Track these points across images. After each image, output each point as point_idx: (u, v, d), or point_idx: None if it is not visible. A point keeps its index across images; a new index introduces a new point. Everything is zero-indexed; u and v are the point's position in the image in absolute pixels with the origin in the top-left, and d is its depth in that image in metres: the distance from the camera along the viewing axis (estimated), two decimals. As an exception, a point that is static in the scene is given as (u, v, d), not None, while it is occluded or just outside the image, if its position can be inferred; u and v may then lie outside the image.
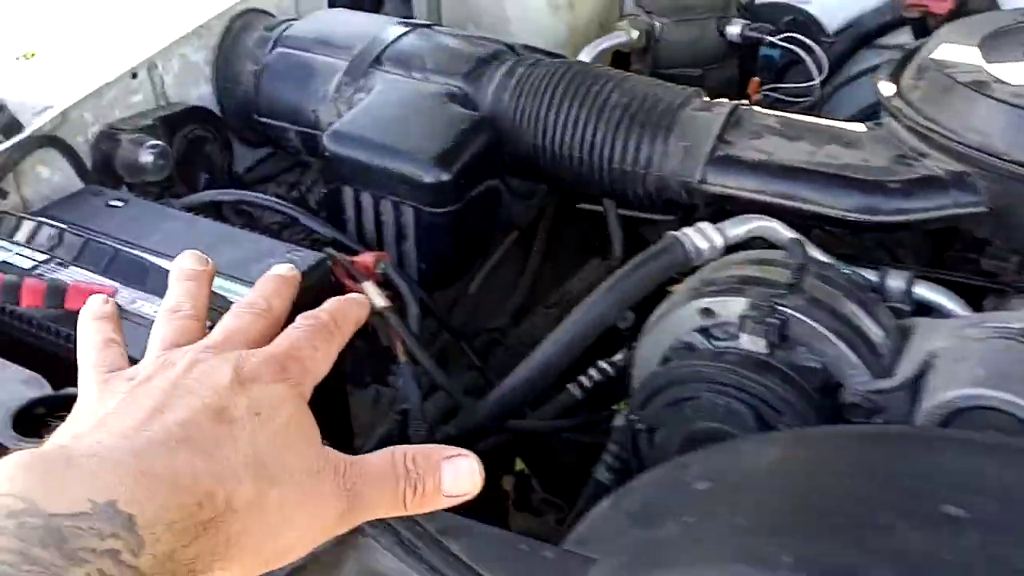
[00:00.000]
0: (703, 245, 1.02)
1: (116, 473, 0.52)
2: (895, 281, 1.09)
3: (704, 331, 1.03)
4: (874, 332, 1.00)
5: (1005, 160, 1.09)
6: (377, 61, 1.31)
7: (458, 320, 1.44)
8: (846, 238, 1.24)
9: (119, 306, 0.69)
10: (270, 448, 0.57)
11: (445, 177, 1.16)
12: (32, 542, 0.47)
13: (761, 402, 0.93)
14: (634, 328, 1.08)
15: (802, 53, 1.52)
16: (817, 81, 1.51)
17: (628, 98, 1.21)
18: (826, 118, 1.31)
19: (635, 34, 1.52)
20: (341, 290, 1.14)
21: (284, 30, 1.40)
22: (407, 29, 1.35)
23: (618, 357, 1.12)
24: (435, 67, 1.29)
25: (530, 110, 1.24)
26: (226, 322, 0.66)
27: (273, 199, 1.24)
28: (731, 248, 1.09)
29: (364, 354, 1.35)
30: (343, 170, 1.22)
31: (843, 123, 1.24)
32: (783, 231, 1.08)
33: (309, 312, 0.67)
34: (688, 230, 1.03)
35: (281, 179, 1.51)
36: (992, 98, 1.12)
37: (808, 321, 0.97)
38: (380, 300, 1.10)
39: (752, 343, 0.98)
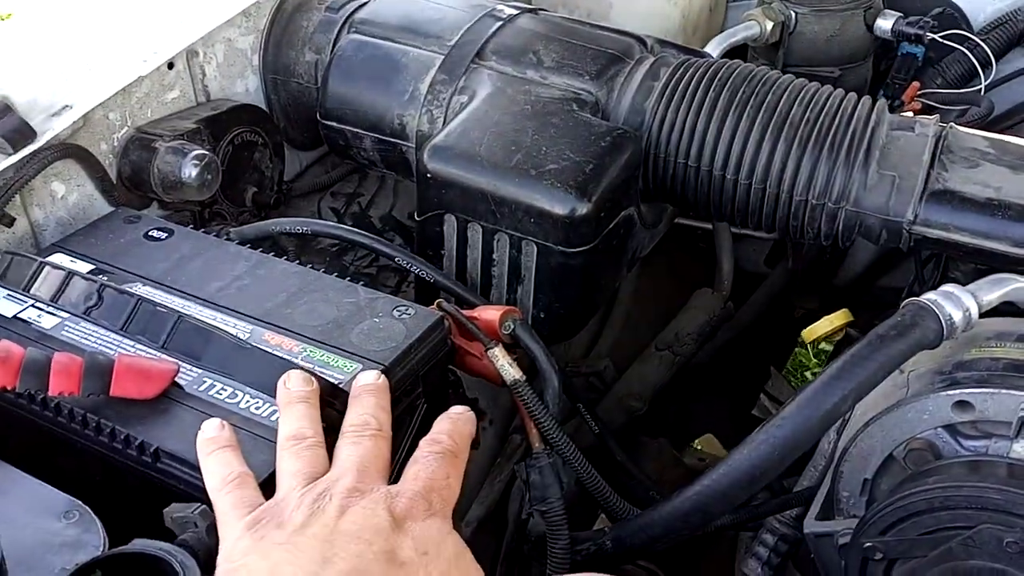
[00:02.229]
0: (957, 317, 0.79)
1: None
2: None
3: (951, 428, 0.80)
4: None
5: None
6: (480, 55, 1.06)
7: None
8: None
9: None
10: None
11: (584, 210, 0.92)
12: None
13: (1062, 539, 0.71)
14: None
15: (965, 51, 1.29)
16: (983, 84, 1.28)
17: (814, 112, 0.96)
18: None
19: (768, 25, 1.28)
20: (454, 356, 0.89)
21: (355, 11, 1.14)
22: (514, 13, 1.10)
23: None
24: (555, 64, 1.04)
25: (681, 123, 0.99)
26: (350, 453, 0.67)
27: (364, 234, 0.98)
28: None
29: (452, 399, 1.11)
30: (448, 195, 0.96)
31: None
32: (1040, 294, 0.85)
33: (430, 438, 0.69)
34: (937, 296, 0.79)
35: (337, 190, 1.25)
36: None
37: (1106, 423, 0.74)
38: (513, 372, 0.86)
39: (1028, 451, 0.76)
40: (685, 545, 1.10)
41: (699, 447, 1.40)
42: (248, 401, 0.75)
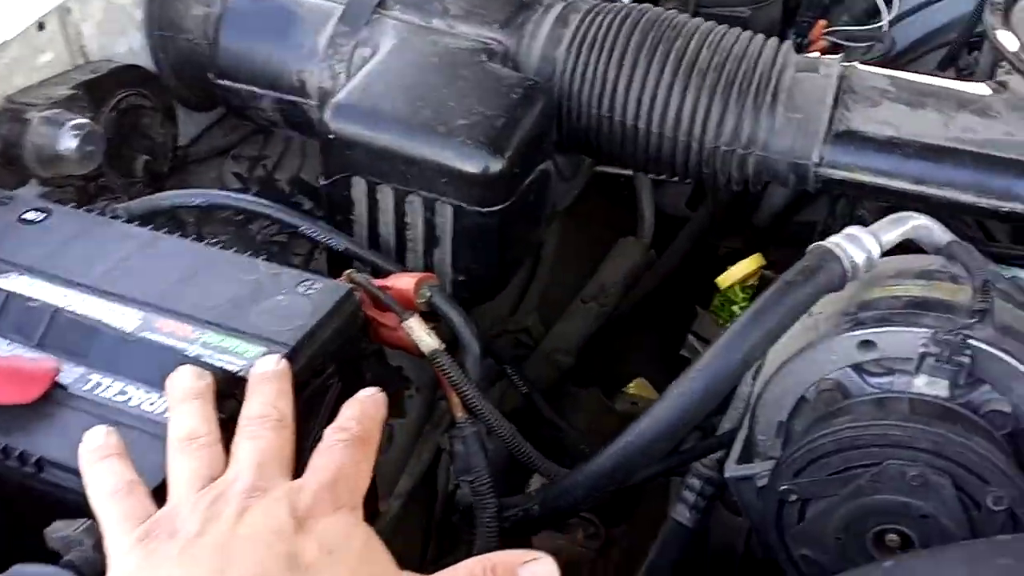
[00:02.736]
0: (860, 258, 0.84)
1: None
2: (1057, 282, 0.94)
3: (857, 367, 0.85)
4: (1065, 359, 0.85)
5: None
6: (382, 3, 1.06)
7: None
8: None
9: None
10: None
11: (498, 167, 0.94)
12: None
13: (963, 469, 0.77)
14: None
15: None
16: (886, 20, 1.33)
17: (722, 57, 1.00)
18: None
19: (677, -32, 1.31)
20: (367, 330, 0.91)
21: (247, -39, 1.13)
22: (418, -38, 1.10)
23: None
24: (462, 12, 1.05)
25: (593, 71, 1.02)
26: (248, 449, 0.64)
27: (264, 203, 0.98)
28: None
29: (370, 382, 1.13)
30: (354, 156, 0.97)
31: (962, 84, 1.06)
32: (940, 232, 0.90)
33: (336, 425, 0.68)
34: (841, 240, 0.84)
35: (239, 153, 1.25)
36: None
37: (1003, 357, 0.80)
38: (431, 341, 0.88)
39: (931, 385, 0.82)
40: (621, 493, 1.16)
41: (631, 391, 1.45)
42: (140, 398, 0.72)
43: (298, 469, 0.65)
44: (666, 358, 1.53)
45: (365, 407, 0.69)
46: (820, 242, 0.85)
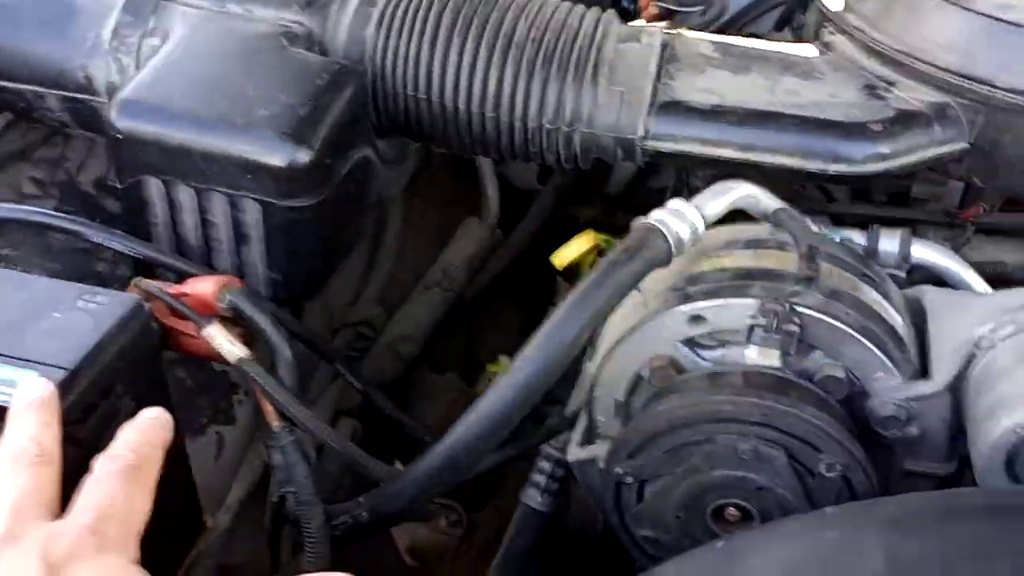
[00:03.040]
0: (684, 232, 0.83)
1: None
2: (889, 243, 0.95)
3: (690, 342, 0.84)
4: (894, 319, 0.86)
5: (995, 87, 0.96)
6: (169, -12, 1.01)
7: (312, 322, 1.19)
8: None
9: None
10: None
11: (305, 158, 0.89)
12: None
13: (796, 440, 0.77)
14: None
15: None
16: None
17: (539, 31, 0.97)
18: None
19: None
20: (167, 340, 0.87)
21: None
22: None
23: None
24: (258, -7, 1.00)
25: (404, 52, 0.98)
26: (2, 491, 0.60)
27: (45, 213, 0.92)
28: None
29: (193, 389, 1.08)
30: (146, 156, 0.91)
31: (787, 46, 1.07)
32: (766, 199, 0.90)
33: (107, 454, 0.63)
34: (663, 215, 0.83)
35: (39, 157, 1.17)
36: (971, 10, 0.99)
37: (831, 322, 0.81)
38: (236, 349, 0.84)
39: (762, 355, 0.81)
40: (484, 476, 1.13)
41: (495, 371, 1.42)
42: None
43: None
44: (529, 334, 1.51)
45: (143, 432, 0.66)
46: (643, 218, 0.84)
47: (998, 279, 1.04)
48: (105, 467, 0.63)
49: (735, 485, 0.78)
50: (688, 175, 1.12)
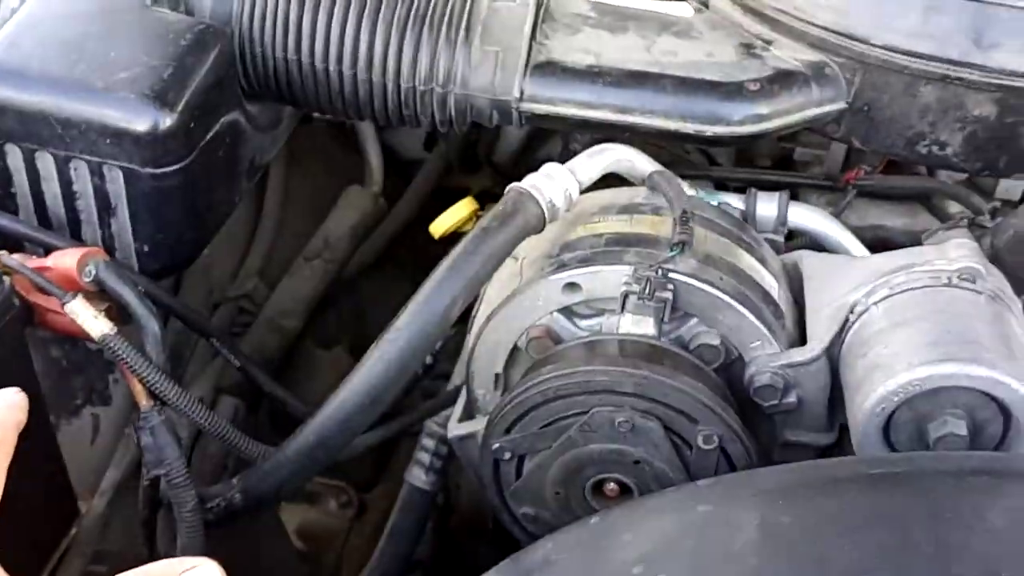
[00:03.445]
0: (558, 198, 0.80)
1: None
2: (766, 207, 0.94)
3: (566, 311, 0.83)
4: (771, 285, 0.85)
5: (871, 45, 0.95)
6: (27, -53, 0.94)
7: (191, 297, 1.14)
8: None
9: None
10: None
11: (168, 121, 0.85)
12: None
13: (672, 411, 0.75)
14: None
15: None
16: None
17: (409, -12, 0.94)
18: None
19: None
20: (31, 316, 0.82)
21: None
22: None
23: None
24: (119, -48, 0.94)
25: (273, 11, 0.94)
26: None
27: None
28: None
29: (67, 369, 1.03)
30: (4, 122, 0.86)
31: (664, 5, 1.05)
32: (642, 162, 0.88)
33: None
34: (535, 179, 0.81)
35: None
36: (846, -32, 0.97)
37: (706, 288, 0.80)
38: (100, 325, 0.79)
39: (637, 324, 0.80)
40: (374, 454, 1.10)
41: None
42: None
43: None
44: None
45: None
46: (515, 183, 0.81)
47: (880, 243, 1.04)
48: None
49: (613, 459, 0.77)
50: (570, 141, 1.09)
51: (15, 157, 0.88)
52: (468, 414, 0.88)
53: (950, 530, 0.57)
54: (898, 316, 0.77)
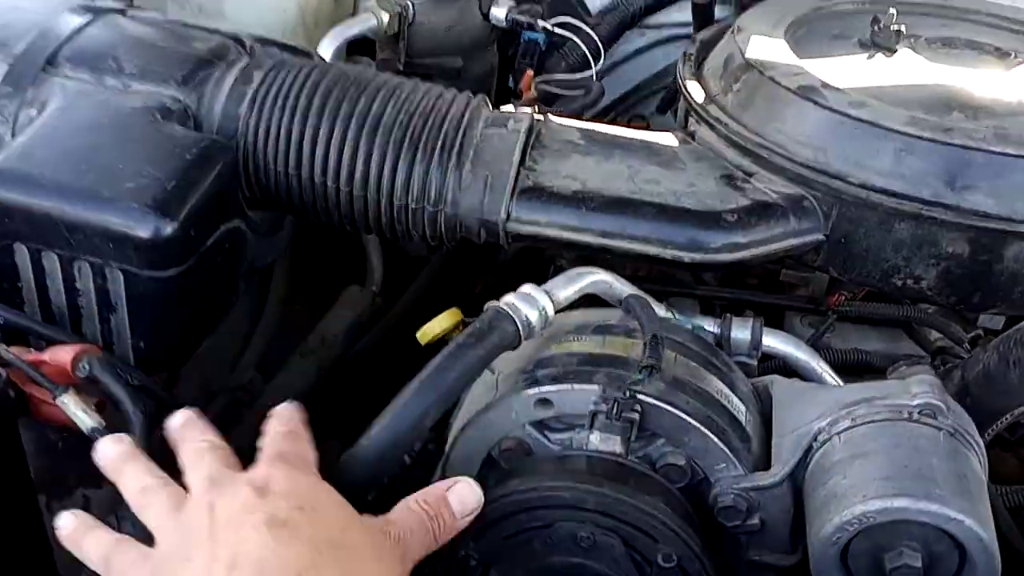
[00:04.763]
0: (533, 317, 0.81)
1: None
2: (740, 332, 0.95)
3: (539, 424, 0.82)
4: (738, 409, 0.84)
5: (847, 182, 0.97)
6: (51, 62, 0.97)
7: (189, 387, 1.15)
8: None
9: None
10: (330, 529, 0.66)
11: (169, 229, 0.86)
12: None
13: (633, 528, 0.75)
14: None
15: (576, 39, 1.34)
16: (594, 71, 1.33)
17: (407, 115, 0.96)
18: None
19: (385, 18, 1.27)
20: (27, 407, 0.83)
21: None
22: (91, 16, 1.02)
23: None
24: (137, 70, 0.98)
25: (276, 130, 0.96)
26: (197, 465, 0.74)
27: None
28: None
29: (62, 451, 1.03)
30: (13, 224, 0.88)
31: (652, 134, 1.07)
32: (619, 286, 0.89)
33: (276, 418, 0.80)
34: (513, 299, 0.81)
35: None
36: (825, 107, 1.00)
37: (672, 411, 0.79)
38: (88, 419, 0.81)
39: (604, 441, 0.80)
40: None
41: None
42: None
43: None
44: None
45: (281, 419, 0.80)
46: (493, 301, 0.82)
47: (861, 367, 1.04)
48: (272, 427, 0.78)
49: (574, 573, 0.76)
50: (553, 257, 1.11)
51: (22, 256, 0.90)
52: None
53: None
54: (857, 447, 0.76)
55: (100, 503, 1.04)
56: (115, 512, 0.84)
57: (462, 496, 0.74)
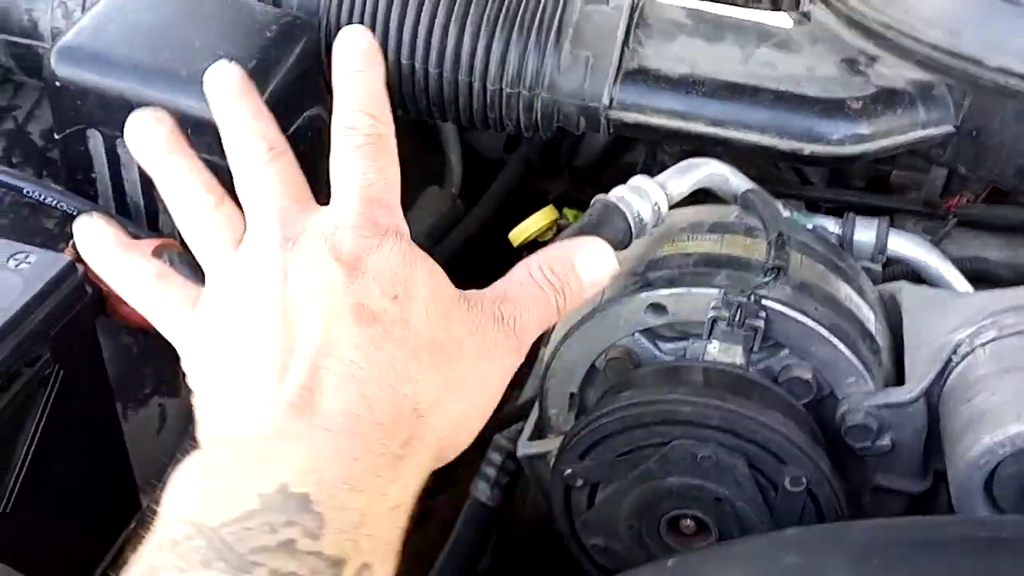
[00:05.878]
0: (646, 212, 0.71)
1: (279, 454, 0.47)
2: (865, 233, 0.84)
3: (649, 332, 0.73)
4: (867, 318, 0.75)
5: (983, 66, 0.84)
6: (118, -68, 0.88)
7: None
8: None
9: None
10: (429, 327, 0.52)
11: (250, 114, 0.78)
12: (193, 565, 0.44)
13: (757, 448, 0.66)
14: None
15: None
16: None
17: (500, -11, 0.85)
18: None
19: None
20: (103, 303, 0.76)
21: None
22: None
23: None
24: (211, -59, 0.87)
25: (361, 7, 0.86)
26: (256, 194, 0.57)
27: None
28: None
29: (137, 357, 0.97)
30: (86, 107, 0.80)
31: (764, 14, 0.94)
32: (736, 179, 0.79)
33: (340, 124, 0.58)
34: (624, 192, 0.72)
35: (-16, 104, 1.05)
36: (963, -16, 0.86)
37: (800, 318, 0.70)
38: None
39: (724, 352, 0.70)
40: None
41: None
42: None
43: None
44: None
45: (368, 91, 0.58)
46: (602, 195, 0.72)
47: (980, 277, 0.93)
48: (342, 141, 0.57)
49: (692, 495, 0.68)
50: (658, 151, 1.00)
51: (96, 142, 0.83)
52: (539, 432, 0.80)
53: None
54: (1007, 361, 0.67)
55: (176, 413, 0.98)
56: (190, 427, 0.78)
57: (594, 261, 0.59)
